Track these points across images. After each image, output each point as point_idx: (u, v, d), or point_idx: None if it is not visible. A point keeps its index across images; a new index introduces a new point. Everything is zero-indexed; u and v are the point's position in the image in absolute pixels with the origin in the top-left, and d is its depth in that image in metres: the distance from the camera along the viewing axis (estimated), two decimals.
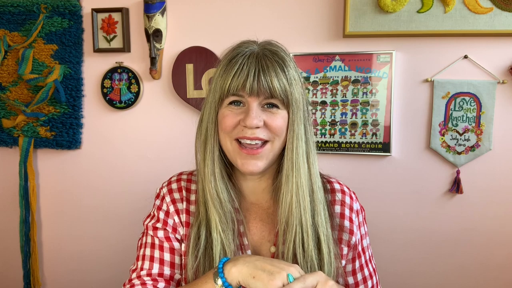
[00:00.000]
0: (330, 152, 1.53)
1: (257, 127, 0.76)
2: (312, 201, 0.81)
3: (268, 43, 0.81)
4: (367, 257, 0.92)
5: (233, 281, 0.67)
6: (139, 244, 0.88)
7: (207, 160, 0.80)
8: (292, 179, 0.79)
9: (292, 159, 0.79)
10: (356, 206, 0.90)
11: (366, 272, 0.91)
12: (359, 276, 0.90)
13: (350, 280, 0.89)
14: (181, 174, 0.92)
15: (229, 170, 0.85)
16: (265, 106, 0.77)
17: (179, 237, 0.85)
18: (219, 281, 0.68)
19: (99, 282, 1.80)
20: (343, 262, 0.87)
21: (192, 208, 0.86)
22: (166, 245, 0.84)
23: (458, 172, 1.46)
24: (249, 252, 0.82)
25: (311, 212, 0.81)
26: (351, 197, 0.90)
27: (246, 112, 0.76)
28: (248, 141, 0.77)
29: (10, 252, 1.84)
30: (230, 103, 0.77)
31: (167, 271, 0.82)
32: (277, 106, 0.78)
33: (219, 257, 0.79)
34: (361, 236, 0.90)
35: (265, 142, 0.78)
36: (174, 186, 0.89)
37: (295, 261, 0.80)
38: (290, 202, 0.79)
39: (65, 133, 1.70)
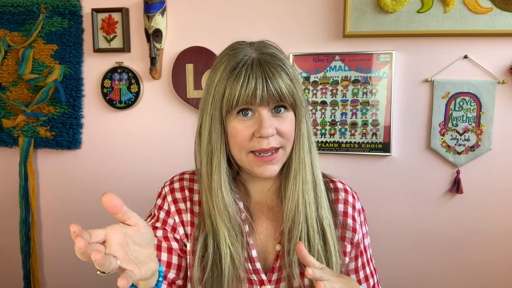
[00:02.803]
0: (330, 152, 1.53)
1: (271, 135, 0.76)
2: (316, 194, 0.82)
3: (263, 45, 0.80)
4: (368, 256, 0.92)
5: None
6: None
7: (214, 174, 0.79)
8: (299, 177, 0.80)
9: (299, 157, 0.80)
10: (358, 205, 0.91)
11: (368, 271, 0.92)
12: (361, 274, 0.91)
13: (353, 278, 0.90)
14: (183, 173, 0.91)
15: (234, 172, 0.85)
16: (274, 110, 0.77)
17: (178, 237, 0.84)
18: None
19: (99, 282, 1.80)
20: (346, 259, 0.87)
21: (196, 208, 0.86)
22: (164, 244, 0.83)
23: (458, 172, 1.46)
24: (254, 251, 0.82)
25: (315, 205, 0.81)
26: (353, 197, 0.91)
27: (259, 122, 0.75)
28: (264, 153, 0.77)
29: (10, 252, 1.84)
30: (238, 112, 0.76)
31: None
32: (285, 108, 0.78)
33: (228, 270, 0.78)
34: (363, 235, 0.91)
35: (278, 148, 0.78)
36: (176, 185, 0.88)
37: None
38: (297, 200, 0.80)
39: (65, 133, 1.70)
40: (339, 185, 0.91)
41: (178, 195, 0.87)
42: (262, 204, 0.87)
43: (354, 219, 0.88)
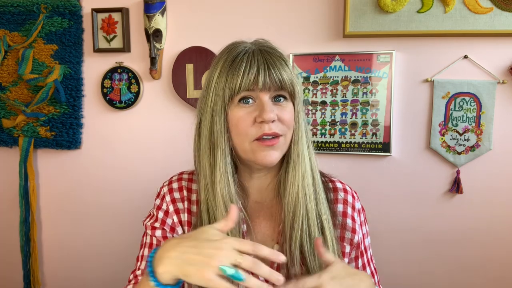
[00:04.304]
0: (330, 152, 1.53)
1: (273, 121, 0.77)
2: (314, 189, 0.83)
3: (261, 40, 0.83)
4: (369, 256, 0.93)
5: (167, 281, 0.62)
6: (140, 244, 0.88)
7: (219, 163, 0.79)
8: (299, 168, 0.81)
9: (298, 149, 0.81)
10: (358, 205, 0.91)
11: (368, 271, 0.92)
12: None
13: None
14: (182, 173, 0.92)
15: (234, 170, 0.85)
16: (274, 99, 0.79)
17: (177, 237, 0.85)
18: (153, 284, 0.62)
19: (99, 282, 1.80)
20: (345, 260, 0.87)
21: (194, 208, 0.86)
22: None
23: (458, 172, 1.46)
24: None
25: (315, 200, 0.82)
26: (353, 196, 0.91)
27: (260, 107, 0.76)
28: (266, 137, 0.78)
29: (10, 252, 1.84)
30: (240, 100, 0.77)
31: None
32: (285, 98, 0.79)
33: None
34: (363, 235, 0.91)
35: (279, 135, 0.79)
36: (175, 185, 0.89)
37: (301, 251, 0.80)
38: (297, 192, 0.81)
39: (65, 133, 1.70)
40: (338, 185, 0.91)
41: (176, 195, 0.87)
42: (260, 203, 0.87)
43: (353, 219, 0.88)
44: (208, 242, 0.61)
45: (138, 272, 0.83)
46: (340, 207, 0.88)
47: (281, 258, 0.62)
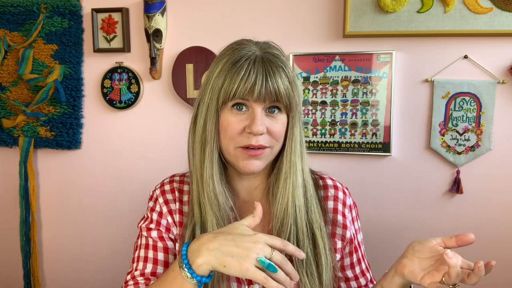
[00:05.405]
0: (330, 152, 1.53)
1: (262, 134, 0.77)
2: (306, 199, 0.83)
3: (267, 45, 0.81)
4: (363, 251, 0.94)
5: (203, 272, 0.65)
6: (134, 247, 0.89)
7: (206, 162, 0.80)
8: (290, 181, 0.81)
9: (290, 160, 0.81)
10: (349, 201, 0.92)
11: (363, 266, 0.94)
12: (358, 270, 0.92)
13: (349, 273, 0.92)
14: (173, 176, 0.93)
15: (223, 169, 0.85)
16: (268, 110, 0.78)
17: (172, 237, 0.86)
18: (189, 276, 0.65)
19: (99, 282, 1.80)
20: (338, 256, 0.88)
21: (185, 208, 0.87)
22: (159, 244, 0.85)
23: (458, 172, 1.46)
24: None
25: (305, 209, 0.82)
26: (344, 193, 0.92)
27: (251, 118, 0.76)
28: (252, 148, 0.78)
29: (10, 252, 1.84)
30: (233, 105, 0.77)
31: (160, 270, 0.83)
32: (279, 109, 0.79)
33: None
34: (355, 231, 0.92)
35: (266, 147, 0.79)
36: (167, 187, 0.90)
37: (289, 257, 0.81)
38: (287, 203, 0.81)
39: (65, 133, 1.70)
40: (329, 182, 0.92)
41: (169, 196, 0.88)
42: (249, 203, 0.87)
43: (344, 215, 0.89)
44: (244, 237, 0.65)
45: (136, 273, 0.83)
46: (330, 204, 0.89)
47: (302, 254, 0.69)
